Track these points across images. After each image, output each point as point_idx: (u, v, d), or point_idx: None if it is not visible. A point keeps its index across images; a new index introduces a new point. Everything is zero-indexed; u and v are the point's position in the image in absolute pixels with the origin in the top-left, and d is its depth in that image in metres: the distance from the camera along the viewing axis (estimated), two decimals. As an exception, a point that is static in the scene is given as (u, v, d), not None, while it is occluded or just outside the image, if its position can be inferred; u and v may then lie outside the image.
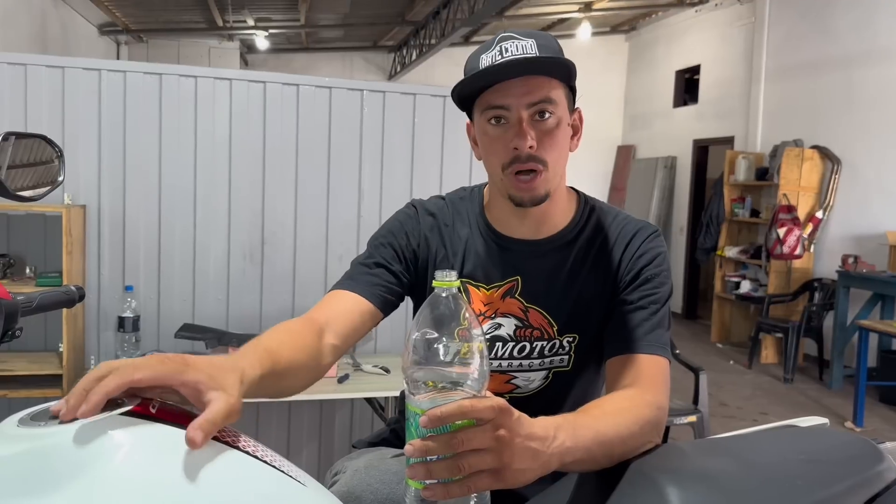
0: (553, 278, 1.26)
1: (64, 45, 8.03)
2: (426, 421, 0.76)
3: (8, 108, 2.90)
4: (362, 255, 1.31)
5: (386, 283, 1.25)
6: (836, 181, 6.57)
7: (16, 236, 3.02)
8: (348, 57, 11.94)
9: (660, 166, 9.58)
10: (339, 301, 1.22)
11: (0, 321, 0.95)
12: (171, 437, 0.73)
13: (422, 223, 1.32)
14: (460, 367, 0.81)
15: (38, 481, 0.66)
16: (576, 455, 0.90)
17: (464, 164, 3.36)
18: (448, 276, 0.84)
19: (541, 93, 1.14)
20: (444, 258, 1.30)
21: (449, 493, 0.77)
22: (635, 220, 1.29)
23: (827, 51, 6.75)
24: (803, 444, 1.08)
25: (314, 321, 1.14)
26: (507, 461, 0.79)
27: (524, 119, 1.14)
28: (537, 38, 1.16)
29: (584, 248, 1.27)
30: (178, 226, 3.11)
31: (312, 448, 3.36)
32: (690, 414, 3.36)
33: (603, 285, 1.24)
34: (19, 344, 1.15)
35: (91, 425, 0.71)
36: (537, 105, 1.15)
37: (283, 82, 3.20)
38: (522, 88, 1.14)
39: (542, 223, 1.26)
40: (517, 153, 1.15)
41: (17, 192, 1.10)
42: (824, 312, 6.31)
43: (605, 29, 10.68)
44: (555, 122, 1.16)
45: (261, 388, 0.90)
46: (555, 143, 1.17)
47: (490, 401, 0.78)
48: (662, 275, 1.23)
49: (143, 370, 0.73)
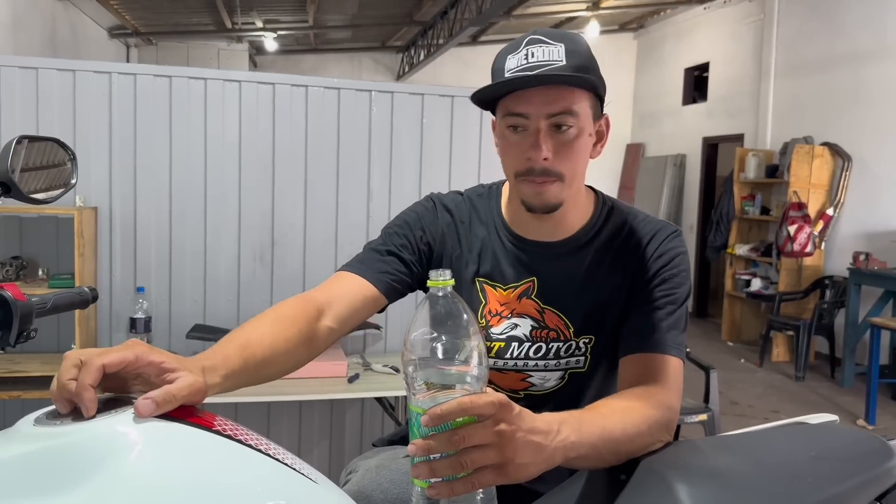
0: (570, 280, 1.25)
1: (74, 49, 8.08)
2: (427, 420, 0.76)
3: (20, 112, 2.93)
4: (376, 240, 1.30)
5: (395, 272, 1.24)
6: (847, 178, 6.53)
7: (29, 238, 3.04)
8: (356, 58, 11.95)
9: (669, 164, 9.54)
10: (345, 283, 1.21)
11: (15, 322, 0.96)
12: (184, 435, 0.74)
13: (439, 219, 1.31)
14: (459, 365, 0.81)
15: (54, 479, 0.67)
16: (581, 450, 0.90)
17: (472, 163, 3.37)
18: (443, 275, 0.84)
19: (561, 104, 1.11)
20: (459, 256, 1.29)
21: (453, 490, 0.78)
22: (655, 220, 1.27)
23: (837, 47, 6.71)
24: (813, 441, 1.08)
25: (314, 302, 1.14)
26: (509, 456, 0.80)
27: (542, 130, 1.12)
28: (566, 43, 1.12)
29: (602, 249, 1.26)
30: (188, 227, 3.13)
31: (324, 447, 3.37)
32: (701, 412, 3.36)
33: (620, 286, 1.23)
34: (33, 345, 1.17)
35: (106, 424, 0.72)
36: (556, 117, 1.12)
37: (292, 83, 3.21)
38: (543, 98, 1.11)
39: (559, 225, 1.25)
40: (530, 164, 1.14)
41: (31, 194, 1.11)
42: (835, 310, 6.27)
43: (613, 27, 10.65)
44: (574, 134, 1.14)
45: (235, 383, 0.94)
46: (572, 155, 1.15)
47: (490, 396, 0.78)
48: (681, 275, 1.21)
49: (110, 355, 0.77)
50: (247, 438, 0.78)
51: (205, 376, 0.86)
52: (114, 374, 0.78)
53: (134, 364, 0.79)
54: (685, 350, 1.19)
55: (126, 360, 0.78)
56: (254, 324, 1.05)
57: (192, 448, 0.74)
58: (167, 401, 0.75)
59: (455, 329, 0.82)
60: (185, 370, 0.82)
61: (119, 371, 0.78)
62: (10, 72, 2.92)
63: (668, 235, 1.24)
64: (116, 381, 0.80)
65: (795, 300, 6.64)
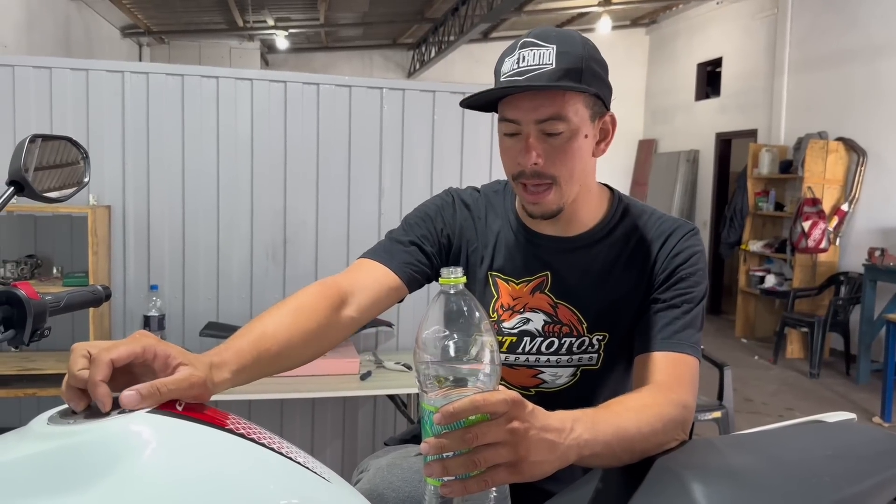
0: (584, 275, 1.25)
1: (87, 48, 8.13)
2: (440, 418, 0.76)
3: (34, 111, 2.95)
4: (397, 230, 1.31)
5: (417, 262, 1.25)
6: (862, 173, 6.48)
7: (43, 237, 3.06)
8: (368, 55, 11.96)
9: (682, 160, 9.50)
10: (369, 272, 1.22)
11: (29, 321, 0.97)
12: (198, 434, 0.74)
13: (458, 214, 1.32)
14: (472, 363, 0.81)
15: (68, 478, 0.67)
16: (594, 448, 0.89)
17: (483, 160, 3.36)
18: (454, 272, 0.84)
19: (549, 109, 1.11)
20: (476, 251, 1.30)
21: (466, 488, 0.77)
22: (672, 219, 1.26)
23: (852, 41, 6.65)
24: (830, 439, 1.06)
25: (336, 289, 1.14)
26: (523, 454, 0.79)
27: (531, 135, 1.13)
28: (558, 44, 1.11)
29: (618, 246, 1.25)
30: (201, 225, 3.14)
31: (336, 445, 3.38)
32: (715, 410, 3.34)
33: (637, 284, 1.23)
34: (47, 343, 1.17)
35: (119, 423, 0.72)
36: (544, 123, 1.12)
37: (304, 81, 3.22)
38: (530, 104, 1.12)
39: (571, 222, 1.25)
40: (521, 168, 1.15)
41: (44, 193, 1.11)
42: (851, 306, 6.22)
43: (625, 22, 10.61)
44: (566, 138, 1.13)
45: (248, 377, 0.95)
46: (565, 158, 1.15)
47: (502, 394, 0.78)
48: (698, 274, 1.21)
49: (118, 349, 0.77)
50: (259, 437, 0.78)
51: (212, 372, 0.86)
52: (123, 367, 0.78)
53: (142, 356, 0.79)
54: (701, 349, 1.18)
55: (134, 353, 0.79)
56: (272, 314, 1.04)
57: (205, 447, 0.74)
58: (151, 394, 0.75)
59: (467, 327, 0.82)
60: (188, 364, 0.82)
61: (127, 364, 0.79)
62: (24, 71, 2.94)
63: (686, 234, 1.24)
64: (126, 375, 0.79)
65: (810, 297, 6.59)
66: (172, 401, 0.78)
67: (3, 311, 0.96)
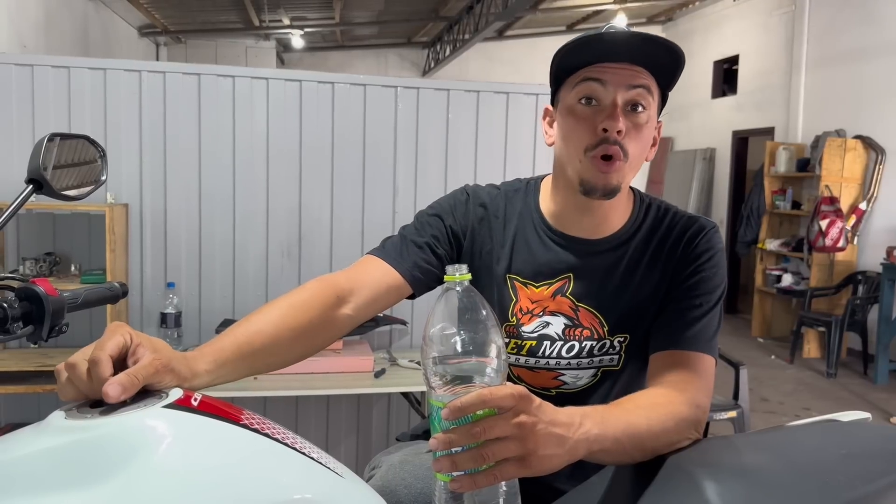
0: (606, 278, 1.22)
1: (105, 48, 8.20)
2: (447, 413, 0.77)
3: (53, 110, 2.98)
4: (409, 227, 1.28)
5: (425, 264, 1.22)
6: (881, 171, 6.41)
7: (61, 235, 3.09)
8: (382, 54, 11.98)
9: (698, 158, 9.44)
10: (372, 270, 1.20)
11: (47, 317, 0.98)
12: (213, 429, 0.75)
13: (471, 213, 1.28)
14: (478, 359, 0.81)
15: (85, 472, 0.68)
16: (604, 444, 0.89)
17: (498, 159, 3.36)
18: (459, 269, 0.84)
19: (642, 79, 1.11)
20: (490, 252, 1.26)
21: (476, 483, 0.78)
22: (692, 216, 1.25)
23: (870, 38, 6.58)
24: (844, 438, 1.05)
25: (335, 287, 1.13)
26: (531, 448, 0.79)
27: (619, 104, 1.10)
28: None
29: (640, 247, 1.23)
30: (217, 223, 3.16)
31: (350, 442, 3.39)
32: (731, 409, 3.32)
33: (658, 285, 1.21)
34: (65, 340, 1.18)
35: (136, 417, 0.73)
36: (635, 90, 1.11)
37: (319, 80, 3.23)
38: (625, 70, 1.10)
39: (602, 222, 1.23)
40: (606, 135, 1.10)
41: (62, 191, 1.12)
42: (868, 306, 6.16)
43: (641, 20, 10.55)
44: (646, 119, 1.12)
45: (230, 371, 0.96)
46: (640, 139, 1.13)
47: (509, 388, 0.78)
48: (717, 273, 1.19)
49: (107, 346, 0.80)
50: (274, 432, 0.78)
51: (189, 361, 0.89)
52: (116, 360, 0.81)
53: (127, 346, 0.83)
54: (718, 348, 1.17)
55: (122, 345, 0.82)
56: (262, 311, 1.05)
57: (220, 441, 0.74)
58: (132, 383, 0.77)
59: (473, 323, 0.82)
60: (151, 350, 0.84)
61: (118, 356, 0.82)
62: (42, 71, 2.97)
63: (706, 232, 1.22)
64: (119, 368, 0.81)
65: (827, 296, 6.54)
66: (188, 394, 0.79)
67: (23, 307, 0.97)
